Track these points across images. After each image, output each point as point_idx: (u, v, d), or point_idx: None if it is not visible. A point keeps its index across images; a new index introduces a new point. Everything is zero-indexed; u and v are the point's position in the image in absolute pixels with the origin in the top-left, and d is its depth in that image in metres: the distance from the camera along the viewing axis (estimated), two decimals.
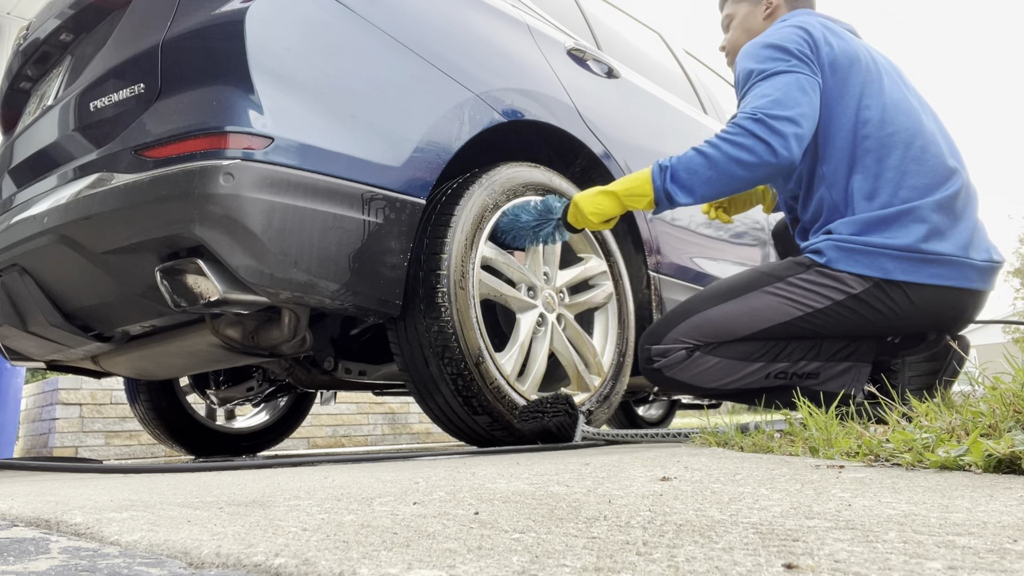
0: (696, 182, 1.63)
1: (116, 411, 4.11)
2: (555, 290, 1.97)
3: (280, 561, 0.54)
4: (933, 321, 1.70)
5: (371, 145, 1.60)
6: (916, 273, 1.62)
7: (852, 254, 1.64)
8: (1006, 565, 0.46)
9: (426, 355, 1.68)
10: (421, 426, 5.26)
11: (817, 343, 1.75)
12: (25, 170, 1.90)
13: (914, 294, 1.64)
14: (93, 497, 0.98)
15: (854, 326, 1.70)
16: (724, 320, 1.72)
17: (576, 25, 2.56)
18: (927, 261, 1.62)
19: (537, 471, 1.08)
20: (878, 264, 1.63)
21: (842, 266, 1.65)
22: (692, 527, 0.61)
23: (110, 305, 1.73)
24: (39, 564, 0.59)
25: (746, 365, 1.74)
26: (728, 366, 1.74)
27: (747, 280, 1.75)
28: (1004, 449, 0.86)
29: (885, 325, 1.70)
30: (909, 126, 1.70)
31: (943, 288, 1.63)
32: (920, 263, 1.62)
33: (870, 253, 1.63)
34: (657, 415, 5.14)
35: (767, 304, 1.69)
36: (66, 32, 1.97)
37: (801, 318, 1.68)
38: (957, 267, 1.64)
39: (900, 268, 1.62)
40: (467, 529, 0.64)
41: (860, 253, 1.64)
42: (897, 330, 1.74)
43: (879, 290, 1.64)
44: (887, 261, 1.62)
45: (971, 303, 1.69)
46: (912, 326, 1.72)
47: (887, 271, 1.62)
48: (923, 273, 1.62)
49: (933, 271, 1.63)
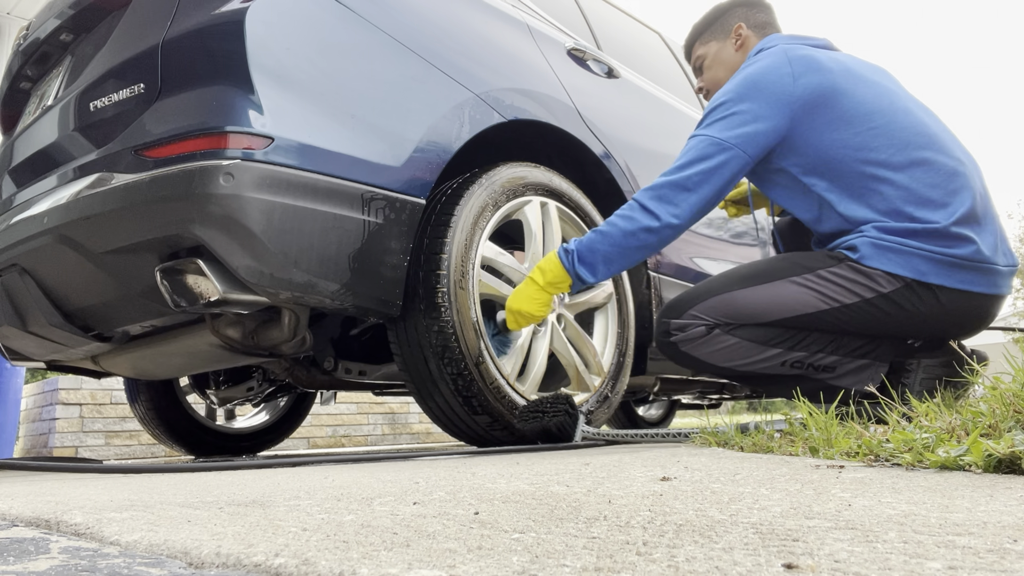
0: (597, 259, 1.71)
1: (116, 411, 4.11)
2: None
3: (280, 561, 0.54)
4: (957, 325, 1.70)
5: (371, 145, 1.60)
6: (949, 277, 1.61)
7: (887, 252, 1.63)
8: (1006, 565, 0.46)
9: (426, 355, 1.68)
10: (421, 426, 5.26)
11: (838, 337, 1.73)
12: (25, 170, 1.90)
13: (944, 298, 1.63)
14: (93, 497, 0.98)
15: (879, 324, 1.69)
16: (749, 303, 1.72)
17: (576, 25, 2.56)
18: (960, 266, 1.62)
19: (537, 471, 1.08)
20: (912, 264, 1.62)
21: (876, 263, 1.63)
22: (692, 527, 0.61)
23: (110, 305, 1.73)
24: (39, 564, 0.59)
25: (764, 350, 1.73)
26: (746, 348, 1.74)
27: (778, 267, 1.75)
28: (1004, 449, 0.86)
29: (910, 326, 1.69)
30: (910, 139, 1.68)
31: (971, 294, 1.63)
32: (953, 267, 1.62)
33: (905, 252, 1.62)
34: (657, 415, 5.14)
35: (794, 293, 1.69)
36: (66, 32, 1.97)
37: (827, 311, 1.67)
38: (987, 273, 1.64)
39: (934, 271, 1.61)
40: (467, 529, 0.64)
41: (895, 252, 1.62)
42: (920, 332, 1.73)
43: (909, 291, 1.63)
44: (922, 262, 1.62)
45: (994, 308, 1.71)
46: (936, 330, 1.71)
47: (922, 273, 1.61)
48: (955, 278, 1.62)
49: (964, 276, 1.63)
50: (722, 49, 2.04)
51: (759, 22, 2.03)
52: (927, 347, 1.75)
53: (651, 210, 1.68)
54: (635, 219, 1.69)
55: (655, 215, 1.68)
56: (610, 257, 1.71)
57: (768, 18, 2.04)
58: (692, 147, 1.72)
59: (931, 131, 1.72)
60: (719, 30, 2.05)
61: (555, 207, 2.00)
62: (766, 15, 2.04)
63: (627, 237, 1.70)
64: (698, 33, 2.10)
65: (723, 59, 2.04)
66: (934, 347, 1.75)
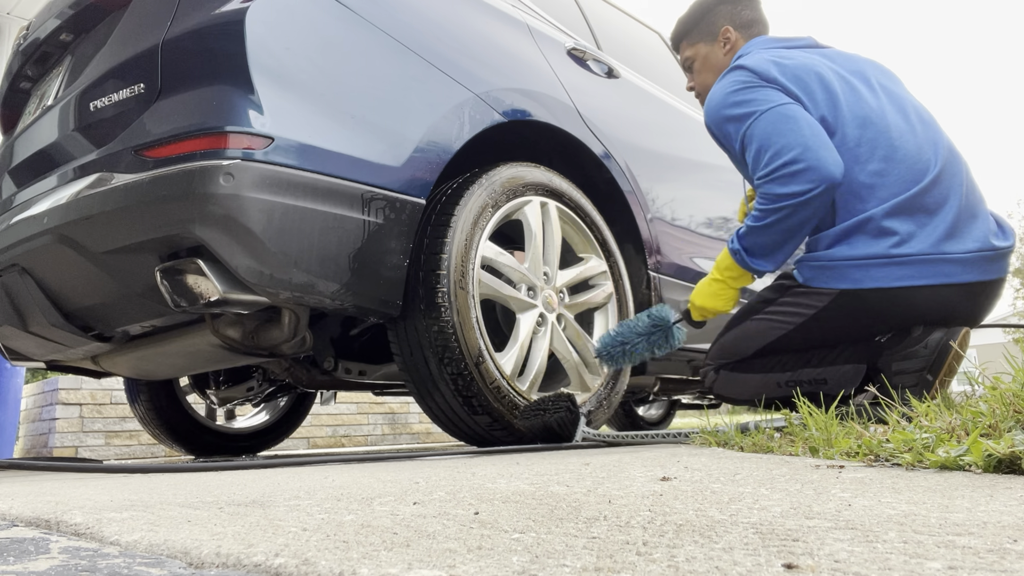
0: (768, 250, 1.80)
1: (116, 411, 4.11)
2: (555, 290, 1.97)
3: (280, 561, 0.54)
4: (918, 319, 1.72)
5: (371, 145, 1.60)
6: (885, 278, 1.67)
7: (822, 271, 1.75)
8: (1006, 565, 0.46)
9: (426, 355, 1.68)
10: (421, 426, 5.26)
11: (810, 352, 1.85)
12: (25, 170, 1.90)
13: (885, 297, 1.68)
14: (93, 497, 0.98)
15: (831, 333, 1.80)
16: (731, 343, 1.93)
17: (576, 25, 2.56)
18: (894, 264, 1.65)
19: (537, 471, 1.08)
20: (847, 276, 1.70)
21: (817, 283, 1.77)
22: (692, 527, 0.61)
23: (110, 305, 1.73)
24: (39, 564, 0.59)
25: (756, 378, 1.90)
26: (746, 379, 1.92)
27: (748, 307, 1.94)
28: (1004, 449, 0.86)
29: (864, 328, 1.78)
30: (870, 137, 1.73)
31: (916, 288, 1.65)
32: (887, 267, 1.66)
33: (836, 267, 1.72)
34: (657, 415, 5.14)
35: (758, 326, 1.88)
36: (66, 32, 1.97)
37: (786, 334, 1.83)
38: (929, 264, 1.65)
39: (868, 276, 1.68)
40: (467, 529, 0.64)
41: (828, 269, 1.74)
42: (880, 330, 1.79)
43: (849, 298, 1.71)
44: (854, 271, 1.69)
45: (961, 297, 1.68)
46: (894, 325, 1.76)
47: (856, 280, 1.69)
48: (891, 277, 1.66)
49: (901, 273, 1.65)
50: (711, 53, 2.05)
51: (745, 20, 2.03)
52: (892, 342, 1.76)
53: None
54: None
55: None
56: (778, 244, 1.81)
57: (754, 15, 2.05)
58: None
59: (887, 124, 1.75)
60: (706, 31, 2.06)
61: (555, 207, 2.00)
62: (752, 11, 2.05)
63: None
64: (685, 32, 2.10)
65: (712, 64, 2.06)
66: (899, 340, 1.75)
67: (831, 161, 1.67)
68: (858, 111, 1.76)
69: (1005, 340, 20.10)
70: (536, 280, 1.91)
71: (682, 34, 2.11)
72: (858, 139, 1.73)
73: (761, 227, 1.75)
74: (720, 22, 2.04)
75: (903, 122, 1.76)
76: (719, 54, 2.04)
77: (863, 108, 1.77)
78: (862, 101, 1.78)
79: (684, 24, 2.10)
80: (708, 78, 2.06)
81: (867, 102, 1.78)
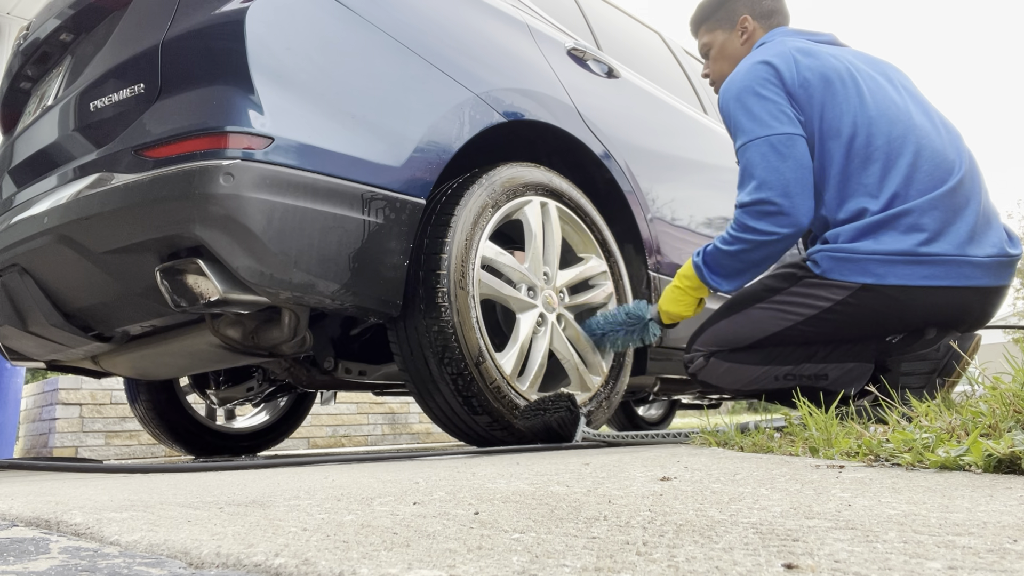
0: (727, 273, 1.84)
1: (116, 411, 4.11)
2: (555, 290, 1.97)
3: (280, 561, 0.54)
4: (933, 319, 1.71)
5: (371, 145, 1.60)
6: (909, 276, 1.64)
7: (844, 263, 1.71)
8: (1006, 565, 0.46)
9: (426, 355, 1.68)
10: (421, 426, 5.26)
11: (815, 347, 1.82)
12: (25, 170, 1.90)
13: (905, 296, 1.66)
14: (93, 497, 0.98)
15: (844, 328, 1.76)
16: (729, 331, 1.87)
17: (576, 25, 2.56)
18: (919, 263, 1.64)
19: (537, 471, 1.08)
20: (869, 270, 1.67)
21: (835, 275, 1.72)
22: (692, 527, 0.61)
23: (110, 305, 1.73)
24: (39, 564, 0.59)
25: (754, 369, 1.86)
26: (740, 370, 1.87)
27: (749, 294, 1.88)
28: (1004, 449, 0.86)
29: (879, 326, 1.75)
30: (899, 134, 1.72)
31: (937, 288, 1.64)
32: (912, 264, 1.64)
33: (860, 260, 1.68)
34: (657, 415, 5.14)
35: (762, 316, 1.83)
36: (66, 32, 1.97)
37: (791, 326, 1.79)
38: (953, 266, 1.64)
39: (892, 272, 1.65)
40: (467, 529, 0.64)
41: (851, 261, 1.70)
42: (894, 329, 1.77)
43: (869, 293, 1.68)
44: (878, 266, 1.66)
45: (976, 300, 1.69)
46: (909, 325, 1.74)
47: (879, 276, 1.66)
48: (916, 275, 1.64)
49: (926, 272, 1.64)
50: (728, 41, 2.03)
51: (765, 10, 2.01)
52: (904, 343, 1.75)
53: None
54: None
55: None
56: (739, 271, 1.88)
57: (775, 5, 2.03)
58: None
59: (912, 123, 1.74)
60: (725, 19, 2.04)
61: (555, 207, 2.00)
62: (772, 1, 2.02)
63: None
64: (704, 17, 2.09)
65: (729, 53, 2.04)
66: (911, 341, 1.75)
67: (804, 211, 1.73)
68: (886, 109, 1.75)
69: (1005, 340, 20.05)
70: (536, 280, 1.91)
71: (701, 19, 2.10)
72: (888, 135, 1.72)
73: (726, 251, 1.80)
74: (740, 10, 2.02)
75: (928, 123, 1.76)
76: (736, 43, 2.03)
77: (891, 107, 1.76)
78: (889, 100, 1.78)
79: (703, 9, 2.09)
80: (724, 67, 2.05)
81: (894, 101, 1.78)
